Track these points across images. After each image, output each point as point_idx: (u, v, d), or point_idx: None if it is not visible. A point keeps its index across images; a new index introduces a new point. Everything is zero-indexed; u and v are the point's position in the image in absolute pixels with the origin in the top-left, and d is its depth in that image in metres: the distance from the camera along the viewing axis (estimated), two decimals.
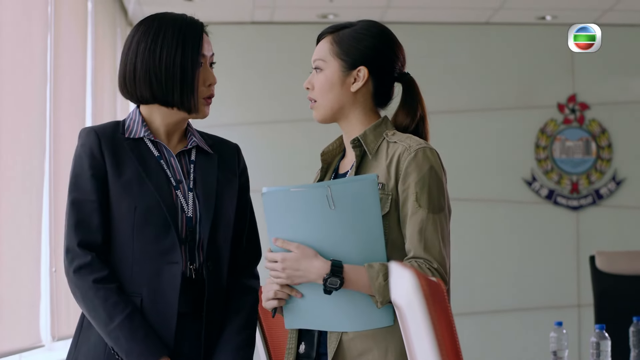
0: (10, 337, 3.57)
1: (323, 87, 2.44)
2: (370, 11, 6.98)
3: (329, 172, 2.52)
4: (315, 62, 2.46)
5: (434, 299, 1.65)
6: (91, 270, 2.34)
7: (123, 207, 2.37)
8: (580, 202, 7.37)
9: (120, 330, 2.31)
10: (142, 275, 2.36)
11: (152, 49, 2.39)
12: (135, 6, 6.63)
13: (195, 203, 2.42)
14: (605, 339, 3.58)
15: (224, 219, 2.44)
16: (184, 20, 2.43)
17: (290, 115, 7.14)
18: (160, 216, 2.36)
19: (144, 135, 2.43)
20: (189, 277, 2.38)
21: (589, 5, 6.88)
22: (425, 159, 2.33)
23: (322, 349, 2.37)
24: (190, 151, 2.49)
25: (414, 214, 2.30)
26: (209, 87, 2.45)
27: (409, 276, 1.67)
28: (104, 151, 2.40)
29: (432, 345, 1.62)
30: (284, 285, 2.30)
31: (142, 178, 2.38)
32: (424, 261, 2.27)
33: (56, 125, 4.25)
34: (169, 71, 2.38)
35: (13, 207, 3.63)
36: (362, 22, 2.48)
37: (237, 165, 2.54)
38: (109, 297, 2.33)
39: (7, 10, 3.58)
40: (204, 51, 2.42)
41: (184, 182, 2.44)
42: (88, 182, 2.38)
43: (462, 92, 7.36)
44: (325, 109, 2.45)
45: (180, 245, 2.37)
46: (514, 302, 7.29)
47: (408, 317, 1.76)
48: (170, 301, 2.35)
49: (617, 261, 4.92)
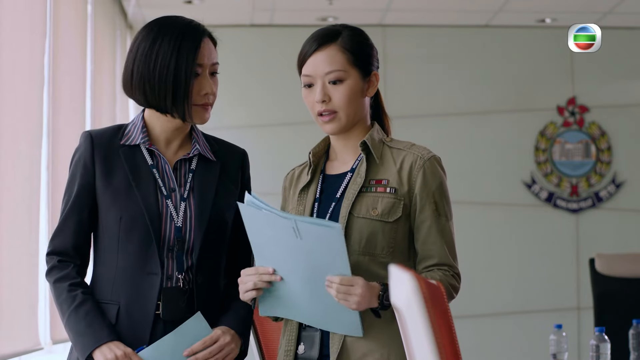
0: (10, 340, 3.57)
1: (348, 98, 2.40)
2: (369, 14, 6.98)
3: (317, 174, 2.50)
4: (330, 75, 2.40)
5: (433, 302, 1.65)
6: (54, 273, 2.42)
7: (110, 217, 2.40)
8: (579, 204, 7.37)
9: (68, 326, 2.38)
10: (123, 285, 2.39)
11: (148, 55, 2.38)
12: (135, 9, 6.63)
13: (187, 212, 2.41)
14: (605, 342, 3.58)
15: (219, 229, 2.44)
16: (186, 27, 2.41)
17: (290, 118, 7.14)
18: (143, 226, 2.37)
19: (140, 142, 2.43)
20: (175, 286, 2.38)
21: (589, 7, 6.88)
22: (438, 168, 2.41)
23: (325, 350, 2.38)
24: (192, 159, 2.47)
25: (435, 223, 2.37)
26: (205, 95, 2.42)
27: (408, 279, 1.67)
28: (95, 159, 2.42)
29: (431, 348, 1.62)
30: (263, 274, 2.28)
31: (130, 187, 2.39)
32: (448, 268, 2.36)
33: (55, 128, 4.24)
34: (162, 78, 2.37)
35: (12, 210, 3.63)
36: (347, 27, 2.46)
37: (242, 175, 2.54)
38: (60, 294, 2.40)
39: (7, 12, 3.57)
40: (200, 60, 2.40)
41: (177, 191, 2.43)
42: (75, 190, 2.42)
43: (461, 94, 7.36)
44: (349, 119, 2.42)
45: (162, 255, 2.38)
46: (514, 304, 7.29)
47: (407, 319, 1.76)
48: (147, 311, 2.37)
49: (616, 264, 4.92)
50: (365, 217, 2.36)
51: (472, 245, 7.12)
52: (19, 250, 3.72)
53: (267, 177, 7.06)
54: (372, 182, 2.40)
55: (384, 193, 2.38)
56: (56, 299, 2.40)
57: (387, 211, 2.36)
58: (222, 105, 7.36)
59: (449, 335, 1.67)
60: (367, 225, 2.36)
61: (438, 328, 1.63)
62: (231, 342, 2.40)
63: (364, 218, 2.36)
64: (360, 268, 2.35)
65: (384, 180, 2.39)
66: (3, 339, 3.47)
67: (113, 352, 2.31)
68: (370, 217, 2.36)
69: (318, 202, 2.45)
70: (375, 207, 2.37)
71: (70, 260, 2.43)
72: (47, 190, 4.11)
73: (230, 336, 2.40)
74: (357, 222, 2.37)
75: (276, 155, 7.11)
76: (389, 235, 2.36)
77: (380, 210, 2.36)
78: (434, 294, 1.69)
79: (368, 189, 2.39)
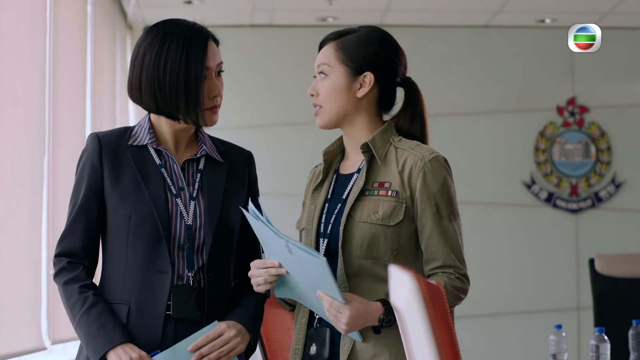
0: (12, 340, 3.57)
1: (329, 93, 2.43)
2: (369, 14, 6.98)
3: (330, 173, 2.52)
4: (319, 67, 2.45)
5: (433, 302, 1.65)
6: (64, 274, 2.40)
7: (119, 216, 2.39)
8: (579, 205, 7.37)
9: (79, 328, 2.36)
10: (133, 284, 2.38)
11: (156, 63, 2.38)
12: (135, 9, 6.63)
13: (197, 211, 2.42)
14: (605, 342, 3.58)
15: (228, 228, 2.44)
16: (190, 31, 2.41)
17: (290, 118, 7.14)
18: (153, 225, 2.37)
19: (148, 142, 2.43)
20: (186, 284, 2.38)
21: (589, 8, 6.89)
22: (440, 169, 2.38)
23: (336, 349, 2.38)
24: (199, 159, 2.48)
25: (437, 224, 2.35)
26: (214, 98, 2.43)
27: (408, 279, 1.67)
28: (103, 160, 2.41)
29: (431, 348, 1.62)
30: (270, 268, 2.29)
31: (139, 186, 2.39)
32: (453, 270, 2.34)
33: (56, 129, 4.25)
34: (173, 86, 2.37)
35: (13, 210, 3.64)
36: (365, 27, 2.48)
37: (248, 175, 2.54)
38: (71, 296, 2.38)
39: (7, 13, 3.58)
40: (208, 63, 2.40)
41: (186, 190, 2.43)
42: (83, 191, 2.42)
43: (461, 95, 7.36)
44: (330, 115, 2.44)
45: (173, 253, 2.38)
46: (514, 305, 7.29)
47: (407, 320, 1.76)
48: (158, 310, 2.37)
49: (616, 264, 4.92)
50: (367, 221, 2.36)
51: (471, 246, 7.09)
52: (20, 250, 3.72)
53: (267, 178, 7.05)
54: (375, 184, 2.40)
55: (386, 196, 2.37)
56: (67, 301, 2.39)
57: (387, 215, 2.35)
58: (222, 105, 7.38)
59: (449, 335, 1.67)
60: (368, 229, 2.36)
61: (438, 328, 1.64)
62: (236, 336, 2.38)
63: (365, 222, 2.36)
64: (363, 271, 2.35)
65: (387, 183, 2.38)
66: (5, 339, 3.47)
67: (128, 354, 2.30)
68: (371, 221, 2.36)
69: (328, 202, 2.46)
70: (376, 211, 2.36)
71: (80, 262, 2.42)
72: (48, 190, 4.11)
73: (235, 330, 2.39)
74: (358, 227, 2.37)
75: (276, 155, 7.11)
76: (391, 238, 2.35)
77: (381, 214, 2.36)
78: (434, 294, 1.69)
79: (371, 192, 2.39)
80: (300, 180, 6.96)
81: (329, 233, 2.41)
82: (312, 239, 2.44)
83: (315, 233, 2.44)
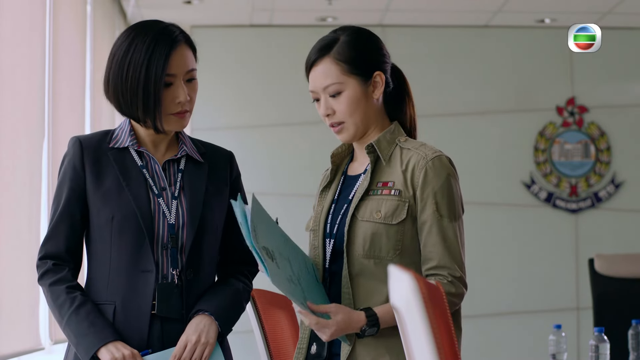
0: (10, 340, 3.57)
1: (349, 106, 2.41)
2: (369, 14, 6.98)
3: (339, 174, 2.52)
4: (329, 89, 2.41)
5: (432, 303, 1.65)
6: (49, 276, 2.41)
7: (102, 217, 2.41)
8: (579, 205, 7.38)
9: (69, 328, 2.37)
10: (118, 284, 2.39)
11: (121, 65, 2.40)
12: (134, 9, 6.63)
13: (179, 210, 2.42)
14: (604, 342, 3.59)
15: (210, 227, 2.45)
16: (159, 34, 2.39)
17: (289, 118, 7.14)
18: (136, 225, 2.38)
19: (128, 144, 2.45)
20: (171, 282, 2.39)
21: (588, 8, 6.89)
22: (442, 168, 2.37)
23: (335, 349, 2.39)
24: (180, 160, 2.48)
25: (436, 223, 2.34)
26: (179, 104, 2.41)
27: (408, 280, 1.67)
28: (85, 163, 2.43)
29: (430, 348, 1.62)
30: None
31: (121, 187, 2.40)
32: (447, 272, 2.33)
33: (55, 129, 4.25)
34: (133, 89, 2.38)
35: (12, 210, 3.64)
36: (342, 31, 2.46)
37: (229, 174, 2.54)
38: (58, 297, 2.39)
39: (7, 12, 3.58)
40: (171, 70, 2.38)
41: (168, 189, 2.44)
42: (65, 194, 2.43)
43: (461, 95, 7.36)
44: (357, 126, 2.43)
45: (157, 253, 2.39)
46: (513, 305, 7.29)
47: (407, 320, 1.76)
48: (143, 309, 2.38)
49: (616, 264, 4.93)
50: (369, 220, 2.36)
51: (471, 246, 7.10)
52: (19, 251, 3.72)
53: (266, 178, 7.07)
54: (379, 184, 2.40)
55: (389, 195, 2.37)
56: (54, 302, 2.39)
57: (390, 213, 2.35)
58: (221, 105, 7.39)
59: (448, 335, 1.67)
60: (370, 228, 2.36)
61: (437, 329, 1.64)
62: (199, 339, 2.37)
63: (367, 221, 2.36)
64: (364, 272, 2.36)
65: (390, 182, 2.39)
66: (4, 339, 3.47)
67: (120, 351, 2.31)
68: (374, 220, 2.36)
69: (335, 203, 2.47)
70: (379, 210, 2.36)
71: (65, 264, 2.43)
72: (47, 190, 4.11)
73: (195, 335, 2.38)
74: (360, 226, 2.37)
75: (275, 155, 7.11)
76: (394, 237, 2.35)
77: (383, 212, 2.36)
78: (433, 294, 1.69)
79: (375, 191, 2.39)
80: (299, 180, 6.97)
81: (334, 234, 2.42)
82: (319, 239, 2.44)
83: (322, 234, 2.45)
